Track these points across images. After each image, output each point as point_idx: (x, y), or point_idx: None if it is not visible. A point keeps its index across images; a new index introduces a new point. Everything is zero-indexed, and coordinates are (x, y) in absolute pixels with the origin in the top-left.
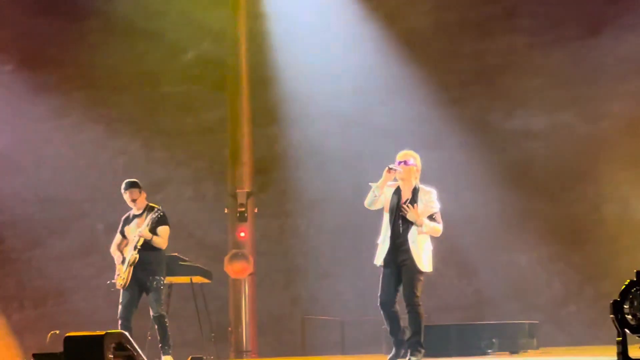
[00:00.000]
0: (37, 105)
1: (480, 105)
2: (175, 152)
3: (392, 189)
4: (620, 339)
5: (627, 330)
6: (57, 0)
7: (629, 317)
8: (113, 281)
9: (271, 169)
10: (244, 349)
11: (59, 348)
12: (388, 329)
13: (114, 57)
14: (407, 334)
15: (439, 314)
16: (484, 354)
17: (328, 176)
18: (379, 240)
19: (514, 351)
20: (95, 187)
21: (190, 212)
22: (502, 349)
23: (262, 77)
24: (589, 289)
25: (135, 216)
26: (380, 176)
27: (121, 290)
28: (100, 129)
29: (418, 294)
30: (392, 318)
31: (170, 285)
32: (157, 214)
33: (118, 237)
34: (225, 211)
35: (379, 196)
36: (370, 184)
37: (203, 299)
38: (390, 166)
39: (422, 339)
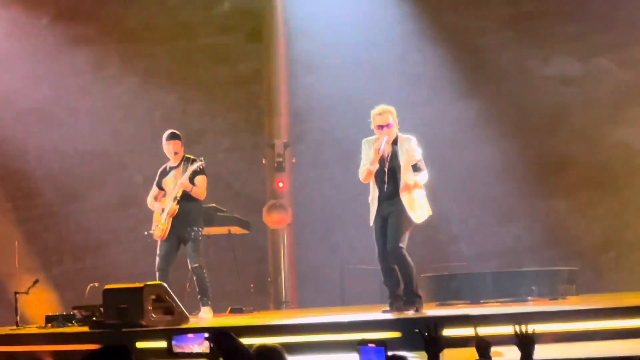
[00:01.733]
0: (73, 59)
1: (516, 51)
2: (211, 103)
3: (373, 147)
4: None
5: None
6: None
7: None
8: (151, 232)
9: (308, 119)
10: (283, 299)
11: (98, 300)
12: (384, 281)
13: (149, 9)
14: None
15: (478, 261)
16: (523, 300)
17: (364, 125)
18: (369, 200)
19: (553, 297)
20: (133, 139)
21: (227, 163)
22: (541, 295)
23: (298, 27)
24: (628, 234)
25: (172, 168)
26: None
27: (159, 242)
28: (136, 82)
29: (401, 243)
30: (387, 271)
31: (209, 237)
32: (198, 164)
33: (155, 189)
34: (263, 162)
35: (371, 169)
36: (362, 156)
37: (242, 250)
38: (379, 148)
39: (414, 288)
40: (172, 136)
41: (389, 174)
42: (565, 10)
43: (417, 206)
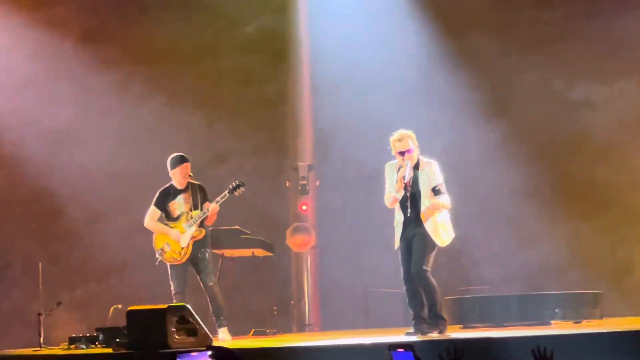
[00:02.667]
0: (98, 80)
1: (541, 73)
2: (236, 124)
3: (396, 171)
4: None
5: None
6: None
7: None
8: (163, 255)
9: (332, 141)
10: (307, 322)
11: (122, 322)
12: (408, 303)
13: (174, 30)
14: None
15: (502, 284)
16: (547, 323)
17: (388, 147)
18: (394, 223)
19: (577, 321)
20: (157, 160)
21: (251, 184)
22: (565, 318)
23: (323, 49)
24: None
25: (180, 191)
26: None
27: (170, 266)
28: (161, 102)
29: (425, 267)
30: (412, 293)
31: (232, 259)
32: (236, 191)
33: (156, 211)
34: (287, 184)
35: (397, 196)
36: (386, 186)
37: (265, 272)
38: (403, 178)
39: (439, 310)
40: (186, 159)
41: (411, 199)
42: (590, 32)
43: (441, 229)
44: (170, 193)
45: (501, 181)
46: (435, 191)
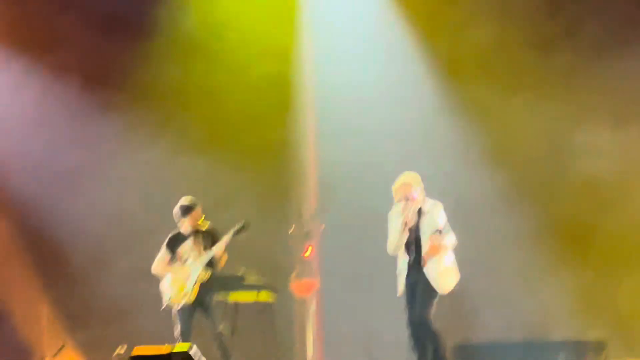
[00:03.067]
0: (101, 125)
1: (545, 118)
2: (239, 171)
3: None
4: None
5: None
6: (120, 20)
7: None
8: (171, 301)
9: (337, 186)
10: None
11: None
12: (412, 348)
13: (178, 75)
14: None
15: (505, 331)
16: None
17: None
18: (397, 272)
19: None
20: (161, 205)
21: (255, 231)
22: None
23: (327, 96)
24: None
25: (186, 236)
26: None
27: (175, 309)
28: (164, 148)
29: (428, 314)
30: (415, 337)
31: (237, 304)
32: (239, 232)
33: (166, 254)
34: (291, 230)
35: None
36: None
37: (269, 317)
38: (410, 226)
39: (442, 354)
40: (197, 204)
41: (415, 243)
42: (594, 75)
43: (443, 274)
44: (179, 238)
45: (504, 227)
46: (437, 233)
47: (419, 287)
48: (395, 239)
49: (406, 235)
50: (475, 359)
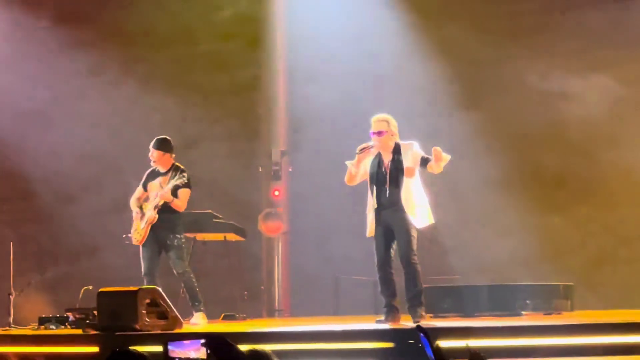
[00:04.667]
0: (72, 62)
1: (516, 66)
2: (209, 109)
3: (372, 157)
4: None
5: None
6: None
7: None
8: (129, 235)
9: (305, 127)
10: (277, 307)
11: (92, 303)
12: (381, 290)
13: (149, 14)
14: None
15: (473, 275)
16: (518, 314)
17: (361, 135)
18: (367, 211)
19: (547, 312)
20: (130, 143)
21: (224, 169)
22: (536, 310)
23: (298, 36)
24: (623, 251)
25: (160, 174)
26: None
27: (140, 247)
28: (135, 86)
29: (414, 252)
30: (386, 281)
31: (204, 243)
32: (181, 179)
33: (140, 190)
34: (260, 169)
35: (357, 172)
36: (346, 162)
37: (237, 257)
38: (359, 150)
39: (422, 299)
40: (153, 144)
41: (390, 181)
42: (566, 25)
43: (420, 212)
44: (154, 174)
45: (474, 172)
46: (426, 160)
47: (400, 226)
48: (352, 165)
49: (360, 163)
50: (444, 301)
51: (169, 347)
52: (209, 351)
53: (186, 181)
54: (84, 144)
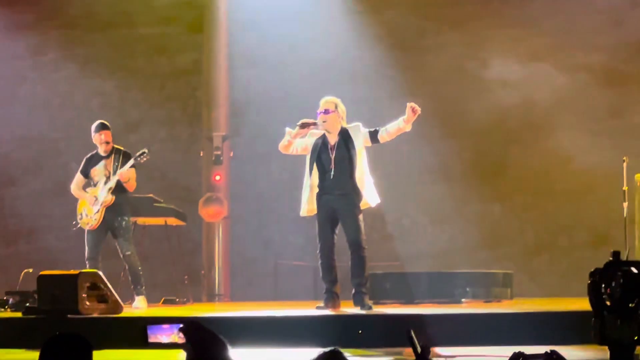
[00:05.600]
0: (12, 43)
1: (456, 52)
2: (149, 93)
3: (316, 137)
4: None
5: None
6: None
7: (605, 297)
8: (79, 221)
9: (246, 112)
10: (216, 292)
11: (33, 286)
12: (323, 276)
13: None
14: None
15: (412, 261)
16: (457, 302)
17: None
18: (303, 189)
19: (487, 300)
20: (70, 126)
21: (164, 153)
22: (475, 297)
23: (240, 20)
24: (562, 239)
25: (102, 157)
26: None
27: (86, 231)
28: (75, 69)
29: (364, 236)
30: (328, 267)
31: (145, 227)
32: (143, 157)
33: (80, 177)
34: (201, 154)
35: (291, 144)
36: (286, 128)
37: (177, 241)
38: (302, 122)
39: (367, 285)
40: (103, 126)
41: (335, 165)
42: (506, 13)
43: (367, 193)
44: (94, 159)
45: (414, 159)
46: (376, 133)
47: (347, 210)
48: (288, 134)
49: (298, 135)
50: (384, 288)
51: (148, 331)
52: (184, 336)
53: (147, 159)
54: (23, 126)
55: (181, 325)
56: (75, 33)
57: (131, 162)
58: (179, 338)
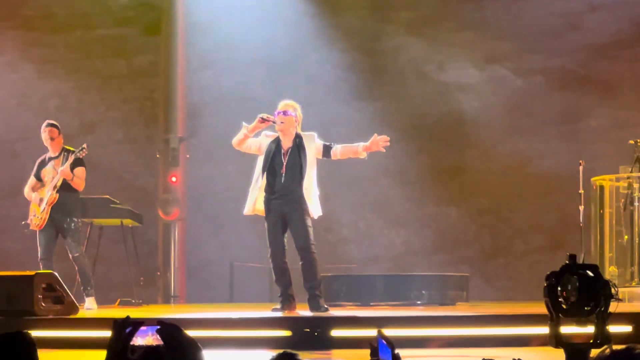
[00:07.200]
0: None
1: (413, 56)
2: (106, 94)
3: (271, 139)
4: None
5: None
6: None
7: (561, 300)
8: (27, 222)
9: (203, 114)
10: (172, 294)
11: None
12: (276, 280)
13: None
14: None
15: (368, 264)
16: (413, 304)
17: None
18: (251, 187)
19: (443, 303)
20: (27, 127)
21: (120, 155)
22: (431, 300)
23: (197, 23)
24: (518, 242)
25: (51, 158)
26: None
27: (37, 232)
28: (32, 70)
29: (312, 240)
30: (280, 271)
31: (101, 228)
32: (80, 152)
33: (32, 180)
34: (157, 155)
35: (247, 139)
36: (243, 123)
37: (133, 243)
38: (262, 116)
39: (320, 287)
40: (49, 124)
41: (287, 169)
42: (463, 16)
43: (314, 203)
44: (44, 161)
45: (370, 161)
46: (329, 147)
47: (296, 215)
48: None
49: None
50: (340, 290)
51: (126, 332)
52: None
53: (85, 154)
54: None
55: (159, 327)
56: (33, 34)
57: (72, 158)
58: (155, 340)
